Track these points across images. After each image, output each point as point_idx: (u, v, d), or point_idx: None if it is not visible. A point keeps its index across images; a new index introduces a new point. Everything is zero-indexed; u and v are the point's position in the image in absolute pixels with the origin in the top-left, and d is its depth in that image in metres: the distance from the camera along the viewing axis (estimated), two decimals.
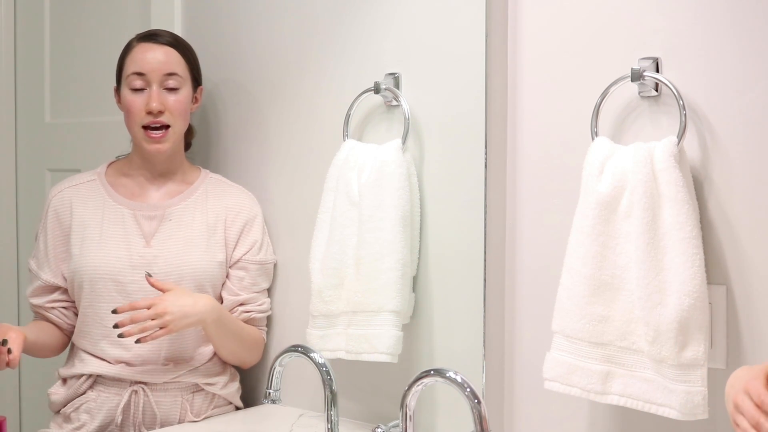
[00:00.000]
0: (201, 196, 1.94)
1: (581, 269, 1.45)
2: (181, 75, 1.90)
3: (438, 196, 1.74)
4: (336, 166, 1.78)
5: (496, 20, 1.67)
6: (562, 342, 1.48)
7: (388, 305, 1.68)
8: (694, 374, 1.36)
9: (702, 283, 1.36)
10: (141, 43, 1.89)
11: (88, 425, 1.84)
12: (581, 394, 1.47)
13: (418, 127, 1.74)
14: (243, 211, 1.94)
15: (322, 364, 1.56)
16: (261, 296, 1.94)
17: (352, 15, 1.85)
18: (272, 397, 1.61)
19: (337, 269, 1.74)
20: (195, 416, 1.87)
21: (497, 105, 1.68)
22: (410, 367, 1.72)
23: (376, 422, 1.65)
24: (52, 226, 1.89)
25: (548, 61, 1.63)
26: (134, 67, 1.87)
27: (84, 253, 1.85)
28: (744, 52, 1.40)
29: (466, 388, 1.38)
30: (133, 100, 1.87)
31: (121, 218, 1.88)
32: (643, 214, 1.40)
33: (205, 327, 1.82)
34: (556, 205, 1.61)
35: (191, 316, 1.78)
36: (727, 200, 1.42)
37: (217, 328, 1.84)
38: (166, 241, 1.87)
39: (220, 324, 1.84)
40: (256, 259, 1.92)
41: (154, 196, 1.93)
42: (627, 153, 1.44)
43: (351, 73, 1.84)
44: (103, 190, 1.91)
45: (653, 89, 1.48)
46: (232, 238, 1.92)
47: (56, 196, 1.91)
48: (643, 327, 1.40)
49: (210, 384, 1.89)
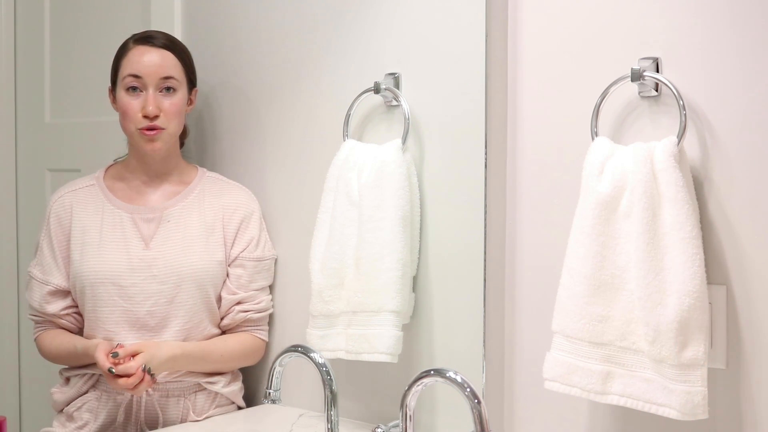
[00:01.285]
0: (198, 195, 1.94)
1: (581, 269, 1.45)
2: (177, 78, 1.90)
3: (438, 196, 1.74)
4: (336, 166, 1.78)
5: (496, 20, 1.67)
6: (562, 342, 1.48)
7: (388, 305, 1.68)
8: (694, 374, 1.36)
9: (702, 283, 1.36)
10: (137, 46, 1.89)
11: (90, 424, 1.84)
12: (581, 394, 1.46)
13: (418, 127, 1.74)
14: (240, 208, 1.94)
15: (322, 364, 1.56)
16: (260, 294, 1.94)
17: (352, 15, 1.85)
18: (272, 397, 1.61)
19: (337, 269, 1.74)
20: (197, 415, 1.88)
21: (497, 105, 1.68)
22: (410, 367, 1.72)
23: (376, 422, 1.65)
24: (55, 231, 1.90)
25: (548, 61, 1.63)
26: (130, 69, 1.87)
27: (84, 258, 1.85)
28: (744, 52, 1.40)
29: (466, 388, 1.38)
30: (129, 102, 1.87)
31: (120, 222, 1.88)
32: (643, 214, 1.40)
33: (180, 369, 1.85)
34: (556, 205, 1.61)
35: (165, 365, 1.80)
36: (727, 200, 1.42)
37: (191, 366, 1.86)
38: (165, 243, 1.87)
39: (191, 363, 1.86)
40: (253, 255, 1.92)
41: (152, 198, 1.93)
42: (627, 153, 1.44)
43: (351, 73, 1.84)
44: (101, 195, 1.91)
45: (653, 89, 1.48)
46: (230, 236, 1.92)
47: (57, 202, 1.92)
48: (643, 327, 1.40)
49: (212, 383, 1.89)
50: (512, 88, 1.67)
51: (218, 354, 1.89)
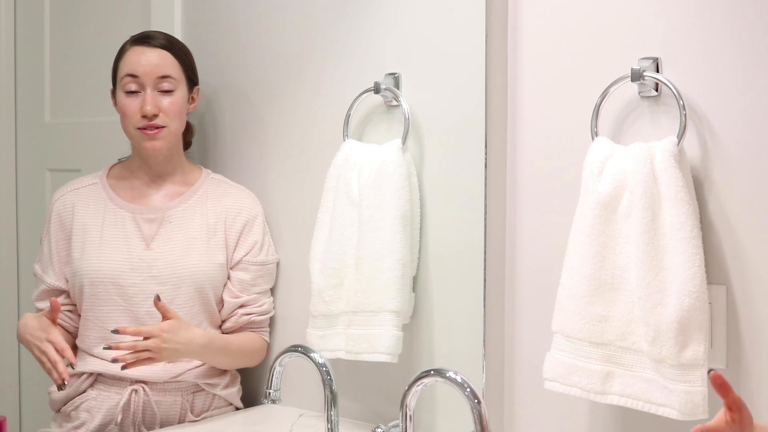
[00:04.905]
0: (201, 197, 1.94)
1: (581, 269, 1.45)
2: (175, 77, 1.90)
3: (438, 196, 1.74)
4: (336, 166, 1.78)
5: (496, 20, 1.67)
6: (562, 342, 1.48)
7: (388, 305, 1.68)
8: (694, 374, 1.36)
9: (702, 283, 1.36)
10: (134, 47, 1.89)
11: (88, 424, 1.84)
12: (581, 394, 1.47)
13: (418, 127, 1.74)
14: (243, 211, 1.94)
15: (322, 364, 1.56)
16: (262, 297, 1.94)
17: (352, 15, 1.85)
18: (272, 397, 1.61)
19: (337, 269, 1.74)
20: (195, 416, 1.88)
21: (497, 105, 1.68)
22: (410, 367, 1.72)
23: (376, 422, 1.65)
24: (55, 230, 1.90)
25: (548, 61, 1.63)
26: (128, 70, 1.87)
27: (85, 256, 1.85)
28: (744, 52, 1.40)
29: (466, 388, 1.38)
30: (128, 103, 1.87)
31: (122, 221, 1.88)
32: (643, 214, 1.40)
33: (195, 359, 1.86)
34: (556, 205, 1.61)
35: (181, 354, 1.80)
36: (727, 200, 1.42)
37: (209, 358, 1.87)
38: (166, 244, 1.87)
39: (212, 354, 1.86)
40: (256, 260, 1.92)
41: (155, 198, 1.93)
42: (627, 153, 1.44)
43: (351, 73, 1.84)
44: (104, 194, 1.91)
45: (653, 89, 1.48)
46: (232, 240, 1.92)
47: (59, 200, 1.92)
48: (643, 327, 1.40)
49: (210, 384, 1.89)
50: (512, 88, 1.67)
51: (236, 345, 1.90)
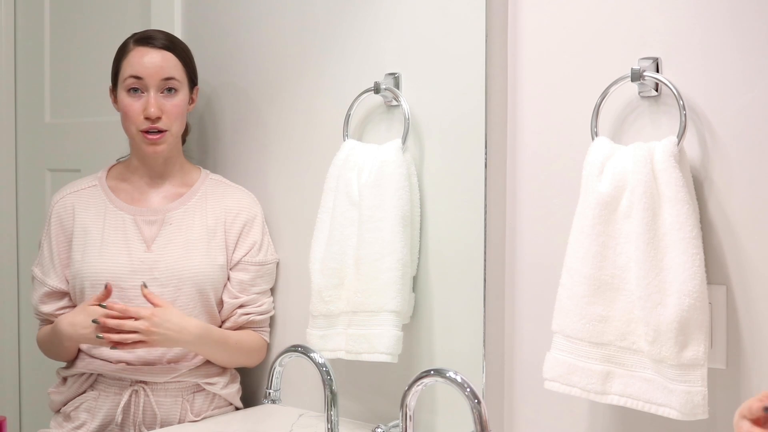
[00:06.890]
0: (201, 198, 1.94)
1: (581, 269, 1.45)
2: (178, 78, 1.90)
3: (438, 196, 1.74)
4: (336, 166, 1.78)
5: (496, 20, 1.67)
6: (562, 342, 1.48)
7: (388, 305, 1.68)
8: (694, 374, 1.36)
9: (702, 283, 1.36)
10: (138, 47, 1.88)
11: (88, 424, 1.84)
12: (581, 394, 1.46)
13: (418, 127, 1.74)
14: (242, 212, 1.94)
15: (322, 364, 1.56)
16: (261, 297, 1.94)
17: (352, 15, 1.85)
18: (272, 397, 1.61)
19: (337, 269, 1.74)
20: (195, 416, 1.88)
21: (497, 105, 1.68)
22: (410, 367, 1.72)
23: (376, 422, 1.65)
24: (56, 232, 1.90)
25: (548, 61, 1.63)
26: (131, 71, 1.87)
27: (85, 258, 1.85)
28: (744, 52, 1.40)
29: (466, 388, 1.38)
30: (131, 104, 1.86)
31: (122, 223, 1.88)
32: (643, 214, 1.40)
33: (191, 350, 1.84)
34: (556, 205, 1.61)
35: (175, 341, 1.80)
36: (727, 200, 1.42)
37: (206, 350, 1.86)
38: (166, 246, 1.87)
39: (208, 347, 1.85)
40: (255, 260, 1.92)
41: (155, 200, 1.93)
42: (627, 153, 1.44)
43: (351, 73, 1.84)
44: (104, 196, 1.91)
45: (653, 89, 1.48)
46: (232, 240, 1.92)
47: (59, 203, 1.92)
48: (643, 327, 1.40)
49: (210, 384, 1.89)
50: (512, 88, 1.67)
51: (234, 340, 1.89)
